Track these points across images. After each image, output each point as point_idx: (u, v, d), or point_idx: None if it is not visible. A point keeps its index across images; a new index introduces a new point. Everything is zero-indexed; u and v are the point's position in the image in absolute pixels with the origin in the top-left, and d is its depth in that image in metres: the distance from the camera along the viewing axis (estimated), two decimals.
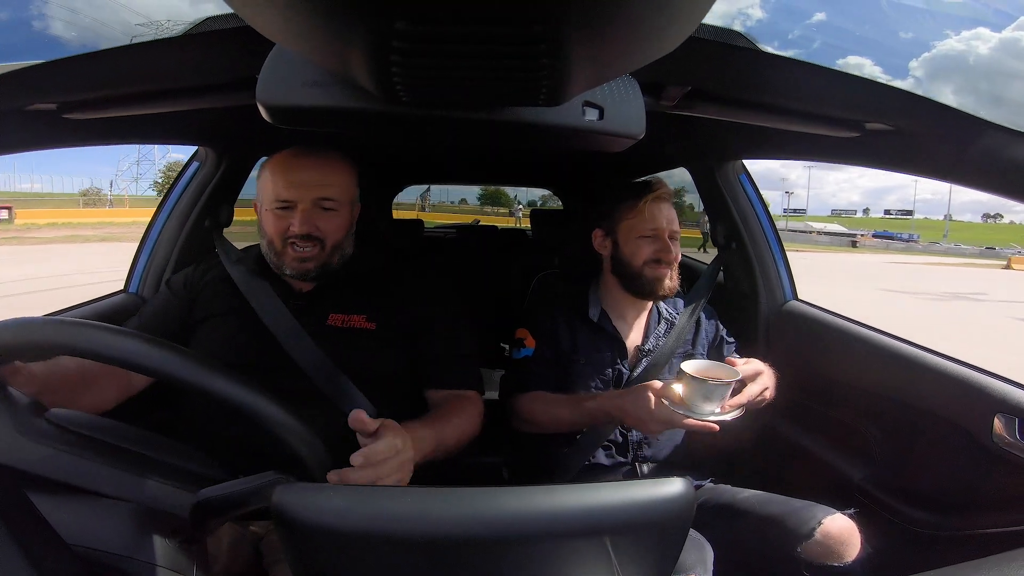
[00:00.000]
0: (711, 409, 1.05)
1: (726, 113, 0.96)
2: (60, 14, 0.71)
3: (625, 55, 0.46)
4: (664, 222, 1.35)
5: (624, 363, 1.37)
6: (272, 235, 1.15)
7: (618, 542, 0.55)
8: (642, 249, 1.35)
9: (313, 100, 0.59)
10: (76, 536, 0.55)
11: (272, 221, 1.14)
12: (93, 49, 0.69)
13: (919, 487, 1.23)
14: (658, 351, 1.38)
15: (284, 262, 1.15)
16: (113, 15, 0.69)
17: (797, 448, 1.51)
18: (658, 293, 1.37)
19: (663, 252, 1.34)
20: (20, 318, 0.65)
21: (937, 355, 1.23)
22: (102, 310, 1.49)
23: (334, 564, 0.54)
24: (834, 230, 63.12)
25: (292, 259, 1.15)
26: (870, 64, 0.76)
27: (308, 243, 1.14)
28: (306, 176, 1.14)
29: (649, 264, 1.35)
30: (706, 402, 1.05)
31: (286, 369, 1.09)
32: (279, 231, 1.14)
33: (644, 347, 1.39)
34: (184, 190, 1.70)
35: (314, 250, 1.15)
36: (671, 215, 1.37)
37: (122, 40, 0.67)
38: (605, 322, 1.40)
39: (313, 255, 1.15)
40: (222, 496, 0.64)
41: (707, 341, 1.46)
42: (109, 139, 1.20)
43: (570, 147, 0.72)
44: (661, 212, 1.36)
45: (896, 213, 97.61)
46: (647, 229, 1.35)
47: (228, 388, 0.66)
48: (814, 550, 1.05)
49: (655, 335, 1.41)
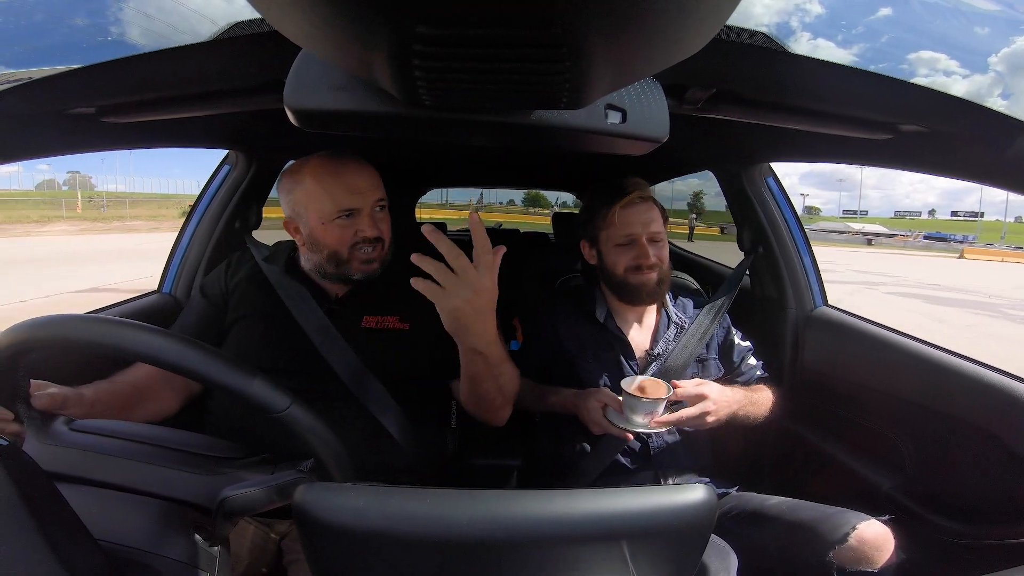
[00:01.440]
0: (641, 422, 1.16)
1: (752, 115, 0.94)
2: (137, 20, 0.73)
3: (647, 58, 0.45)
4: (639, 227, 1.32)
5: (634, 364, 1.36)
6: (336, 245, 1.15)
7: (636, 548, 0.54)
8: (621, 257, 1.34)
9: (338, 104, 0.60)
10: (103, 531, 0.56)
11: (336, 232, 1.14)
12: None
13: (951, 496, 1.19)
14: (672, 356, 1.36)
15: (351, 268, 1.17)
16: (183, 20, 0.71)
17: (825, 456, 1.48)
18: (647, 299, 1.36)
19: (641, 258, 1.31)
20: (39, 317, 0.67)
21: (971, 361, 1.20)
22: (135, 310, 1.54)
23: (353, 563, 0.54)
24: (873, 230, 61.79)
25: (360, 263, 1.16)
26: (945, 59, 0.73)
27: (373, 245, 1.16)
28: (363, 182, 1.15)
29: (630, 271, 1.33)
30: (634, 414, 1.16)
31: (318, 371, 1.11)
32: (345, 240, 1.15)
33: (653, 351, 1.38)
34: (216, 193, 1.75)
35: (376, 251, 1.17)
36: (648, 217, 1.33)
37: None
38: (610, 323, 1.39)
39: (377, 256, 1.17)
40: (245, 495, 0.66)
41: (717, 344, 1.44)
42: (145, 143, 1.24)
43: (593, 150, 0.72)
44: (635, 217, 1.32)
45: (964, 215, 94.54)
46: (622, 236, 1.33)
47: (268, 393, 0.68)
48: (847, 556, 1.03)
49: (664, 339, 1.40)
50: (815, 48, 0.71)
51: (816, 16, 0.75)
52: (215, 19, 0.67)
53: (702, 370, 1.40)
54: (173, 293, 1.69)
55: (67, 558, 0.47)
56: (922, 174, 1.00)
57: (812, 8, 0.76)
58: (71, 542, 0.51)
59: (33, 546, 0.46)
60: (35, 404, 0.75)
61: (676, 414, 1.19)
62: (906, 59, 0.71)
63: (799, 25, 0.71)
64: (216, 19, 0.67)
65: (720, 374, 1.41)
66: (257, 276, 1.25)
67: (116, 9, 0.75)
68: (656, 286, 1.34)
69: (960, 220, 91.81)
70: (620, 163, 2.23)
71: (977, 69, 0.72)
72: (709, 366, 1.41)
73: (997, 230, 70.86)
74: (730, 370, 1.43)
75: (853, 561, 1.03)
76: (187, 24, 0.70)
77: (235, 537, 0.99)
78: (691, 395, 1.21)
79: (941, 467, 1.24)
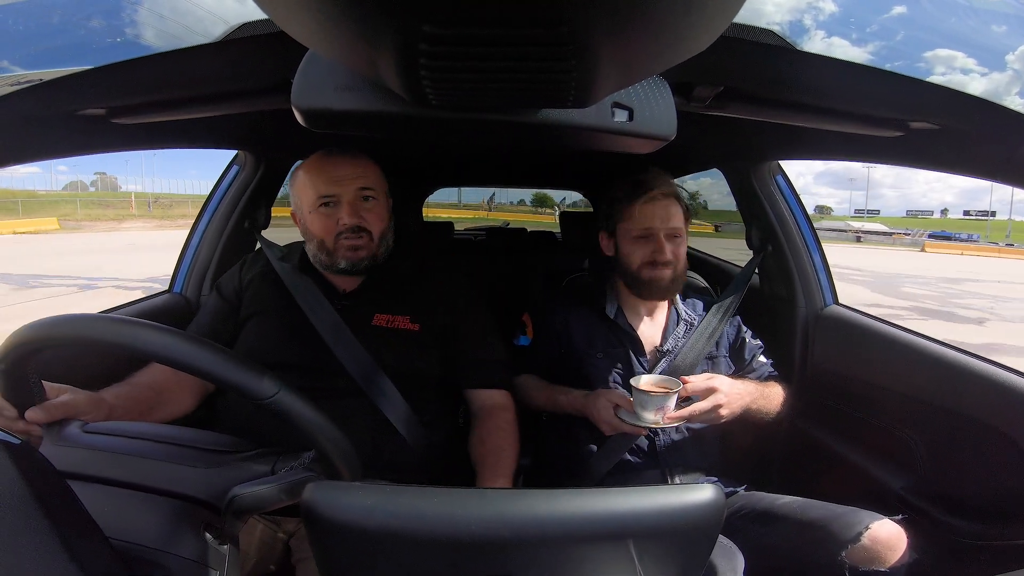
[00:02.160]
0: (653, 418, 1.15)
1: (760, 113, 0.94)
2: (151, 21, 0.73)
3: (653, 56, 0.45)
4: (657, 222, 1.32)
5: (643, 360, 1.36)
6: (321, 234, 1.17)
7: (644, 547, 0.54)
8: (637, 251, 1.34)
9: (345, 104, 0.60)
10: (114, 530, 0.56)
11: (319, 221, 1.17)
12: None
13: (962, 496, 1.18)
14: (681, 353, 1.36)
15: (337, 257, 1.18)
16: (198, 22, 0.71)
17: (835, 456, 1.47)
18: (658, 295, 1.36)
19: (657, 253, 1.31)
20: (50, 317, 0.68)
21: (984, 360, 1.19)
22: (146, 309, 1.55)
23: (360, 562, 0.55)
24: (873, 228, 62.77)
25: (345, 251, 1.17)
26: (963, 57, 0.71)
27: (357, 234, 1.17)
28: (344, 171, 1.17)
29: (645, 266, 1.33)
30: (645, 411, 1.15)
31: (328, 368, 1.12)
32: (328, 228, 1.17)
33: (663, 347, 1.38)
34: (225, 193, 1.76)
35: (363, 240, 1.18)
36: (667, 213, 1.33)
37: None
38: (621, 319, 1.39)
39: (363, 244, 1.18)
40: (253, 493, 0.66)
41: (728, 342, 1.44)
42: (155, 143, 1.25)
43: (600, 149, 0.72)
44: (654, 212, 1.32)
45: (976, 214, 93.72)
46: (640, 230, 1.33)
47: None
48: (859, 555, 1.02)
49: (674, 336, 1.40)
50: (830, 46, 0.70)
51: (830, 14, 0.75)
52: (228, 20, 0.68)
53: (712, 368, 1.39)
54: (184, 293, 1.70)
55: (80, 557, 0.48)
56: (934, 172, 0.99)
57: (825, 6, 0.75)
58: (84, 541, 0.51)
59: (47, 545, 0.47)
60: (50, 415, 0.75)
61: (688, 408, 1.19)
62: (923, 57, 0.70)
63: (812, 23, 0.71)
64: (229, 20, 0.68)
65: (731, 372, 1.41)
66: (270, 274, 1.26)
67: (131, 11, 0.75)
68: (670, 283, 1.34)
69: (972, 219, 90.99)
70: (628, 162, 2.23)
71: (996, 67, 0.71)
72: (719, 364, 1.41)
73: (1004, 229, 70.81)
74: (741, 368, 1.43)
75: (866, 561, 1.02)
76: (201, 26, 0.70)
77: (244, 535, 1.00)
78: (701, 389, 1.20)
79: (953, 467, 1.23)
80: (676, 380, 1.20)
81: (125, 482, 0.65)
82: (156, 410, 1.05)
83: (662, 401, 1.14)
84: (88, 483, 0.64)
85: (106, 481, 0.66)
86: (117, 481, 0.65)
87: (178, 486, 0.66)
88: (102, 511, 0.56)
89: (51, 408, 0.76)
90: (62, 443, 0.71)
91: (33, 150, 0.94)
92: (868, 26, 0.75)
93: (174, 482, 0.66)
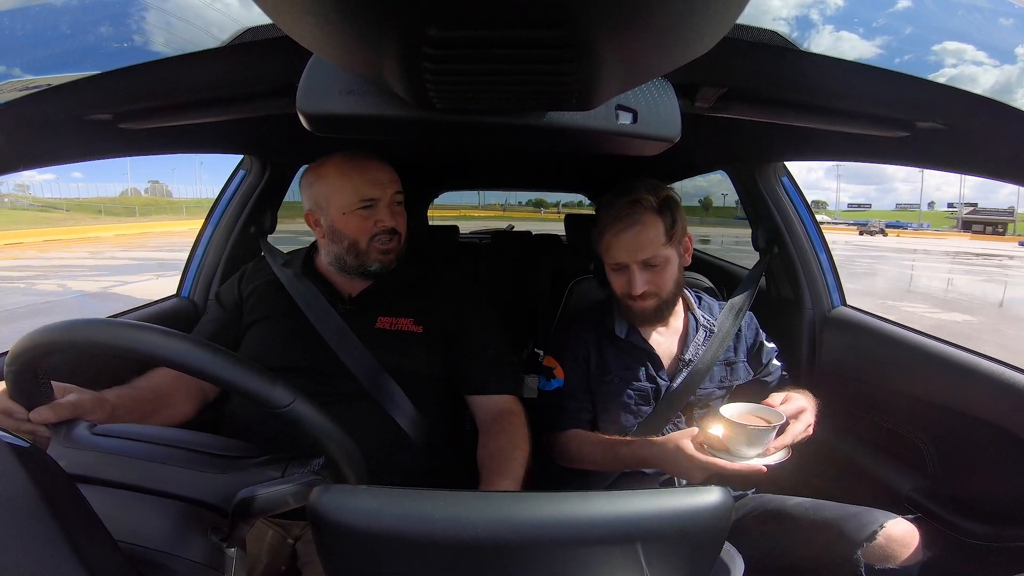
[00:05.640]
0: (755, 453, 1.01)
1: (765, 114, 0.93)
2: (160, 26, 0.74)
3: (656, 58, 0.45)
4: (625, 255, 1.22)
5: (663, 374, 1.30)
6: (356, 235, 1.18)
7: (651, 550, 0.54)
8: (616, 282, 1.27)
9: (350, 108, 0.61)
10: (122, 532, 0.56)
11: (356, 222, 1.17)
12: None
13: (973, 498, 1.17)
14: (699, 361, 1.30)
15: (368, 259, 1.19)
16: (208, 26, 0.72)
17: (843, 458, 1.46)
18: (647, 323, 1.30)
19: (630, 286, 1.23)
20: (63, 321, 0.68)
21: (994, 362, 1.17)
22: (154, 314, 1.56)
23: (366, 566, 0.54)
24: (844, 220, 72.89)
25: (377, 253, 1.19)
26: (972, 49, 0.70)
27: (391, 236, 1.19)
28: (383, 175, 1.19)
29: (625, 296, 1.26)
30: (750, 447, 1.01)
31: (334, 371, 1.12)
32: (365, 230, 1.18)
33: (684, 357, 1.32)
34: (231, 198, 1.77)
35: (394, 243, 1.20)
36: (636, 243, 1.20)
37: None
38: (635, 337, 1.31)
39: (393, 247, 1.20)
40: (260, 496, 0.66)
41: (747, 347, 1.40)
42: (161, 148, 1.26)
43: (604, 151, 0.72)
44: (621, 244, 1.22)
45: (964, 207, 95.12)
46: (613, 264, 1.26)
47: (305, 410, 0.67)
48: (874, 554, 1.01)
49: (694, 344, 1.33)
50: (838, 40, 0.70)
51: (836, 8, 0.74)
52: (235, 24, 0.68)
53: (731, 373, 1.35)
54: (191, 297, 1.71)
55: (88, 559, 0.48)
56: (941, 171, 0.98)
57: (832, 0, 0.75)
58: (92, 543, 0.51)
59: (55, 547, 0.47)
60: (58, 415, 0.75)
61: (790, 434, 1.06)
62: (932, 50, 0.70)
63: (820, 18, 0.70)
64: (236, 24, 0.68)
65: (749, 377, 1.38)
66: (273, 281, 1.26)
67: (138, 17, 0.76)
68: (654, 312, 1.26)
69: (957, 211, 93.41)
70: (633, 164, 2.23)
71: (1006, 60, 0.70)
72: (738, 368, 1.36)
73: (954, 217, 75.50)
74: (758, 372, 1.40)
75: (881, 559, 1.02)
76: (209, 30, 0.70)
77: (252, 539, 1.00)
78: (793, 411, 1.11)
79: (963, 469, 1.22)
80: (769, 409, 1.07)
81: (134, 486, 0.66)
82: (156, 414, 1.05)
83: (769, 435, 1.01)
84: (96, 485, 0.64)
85: (115, 484, 0.66)
86: (126, 484, 0.66)
87: (186, 490, 0.66)
88: (110, 513, 0.56)
89: (59, 408, 0.76)
90: (70, 445, 0.72)
91: (41, 155, 0.95)
92: (875, 20, 0.75)
93: (183, 486, 0.67)
